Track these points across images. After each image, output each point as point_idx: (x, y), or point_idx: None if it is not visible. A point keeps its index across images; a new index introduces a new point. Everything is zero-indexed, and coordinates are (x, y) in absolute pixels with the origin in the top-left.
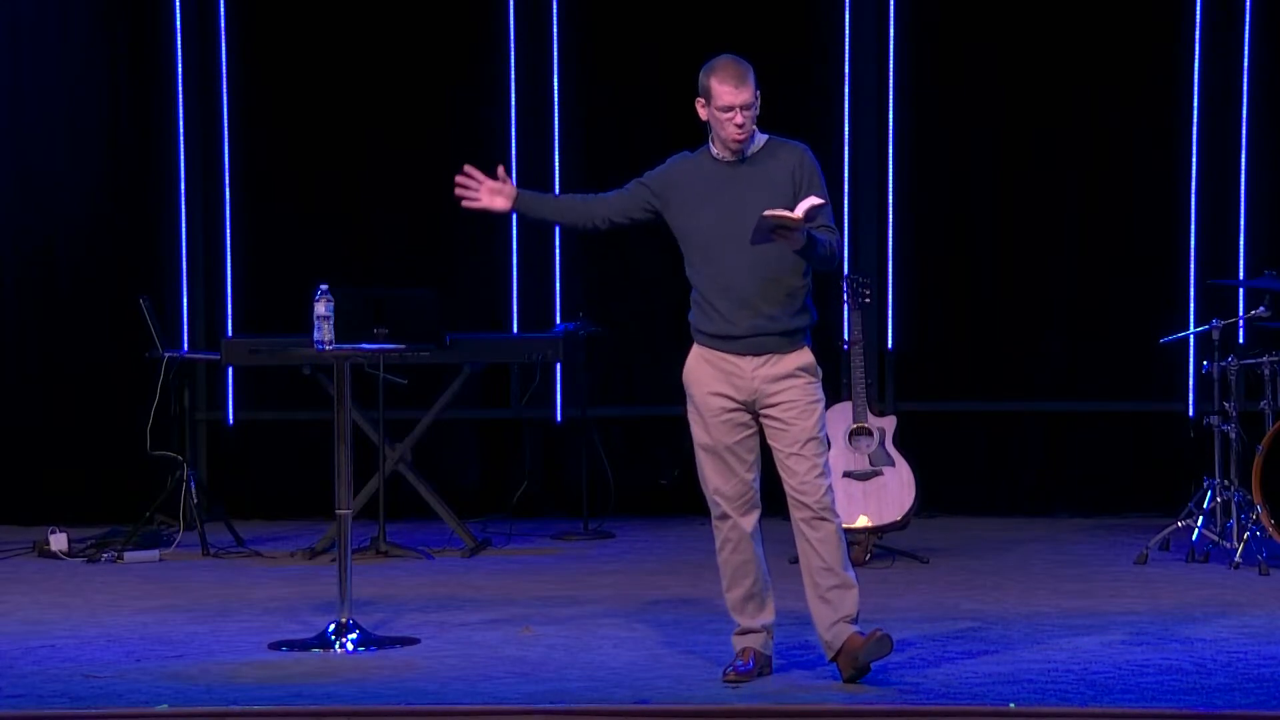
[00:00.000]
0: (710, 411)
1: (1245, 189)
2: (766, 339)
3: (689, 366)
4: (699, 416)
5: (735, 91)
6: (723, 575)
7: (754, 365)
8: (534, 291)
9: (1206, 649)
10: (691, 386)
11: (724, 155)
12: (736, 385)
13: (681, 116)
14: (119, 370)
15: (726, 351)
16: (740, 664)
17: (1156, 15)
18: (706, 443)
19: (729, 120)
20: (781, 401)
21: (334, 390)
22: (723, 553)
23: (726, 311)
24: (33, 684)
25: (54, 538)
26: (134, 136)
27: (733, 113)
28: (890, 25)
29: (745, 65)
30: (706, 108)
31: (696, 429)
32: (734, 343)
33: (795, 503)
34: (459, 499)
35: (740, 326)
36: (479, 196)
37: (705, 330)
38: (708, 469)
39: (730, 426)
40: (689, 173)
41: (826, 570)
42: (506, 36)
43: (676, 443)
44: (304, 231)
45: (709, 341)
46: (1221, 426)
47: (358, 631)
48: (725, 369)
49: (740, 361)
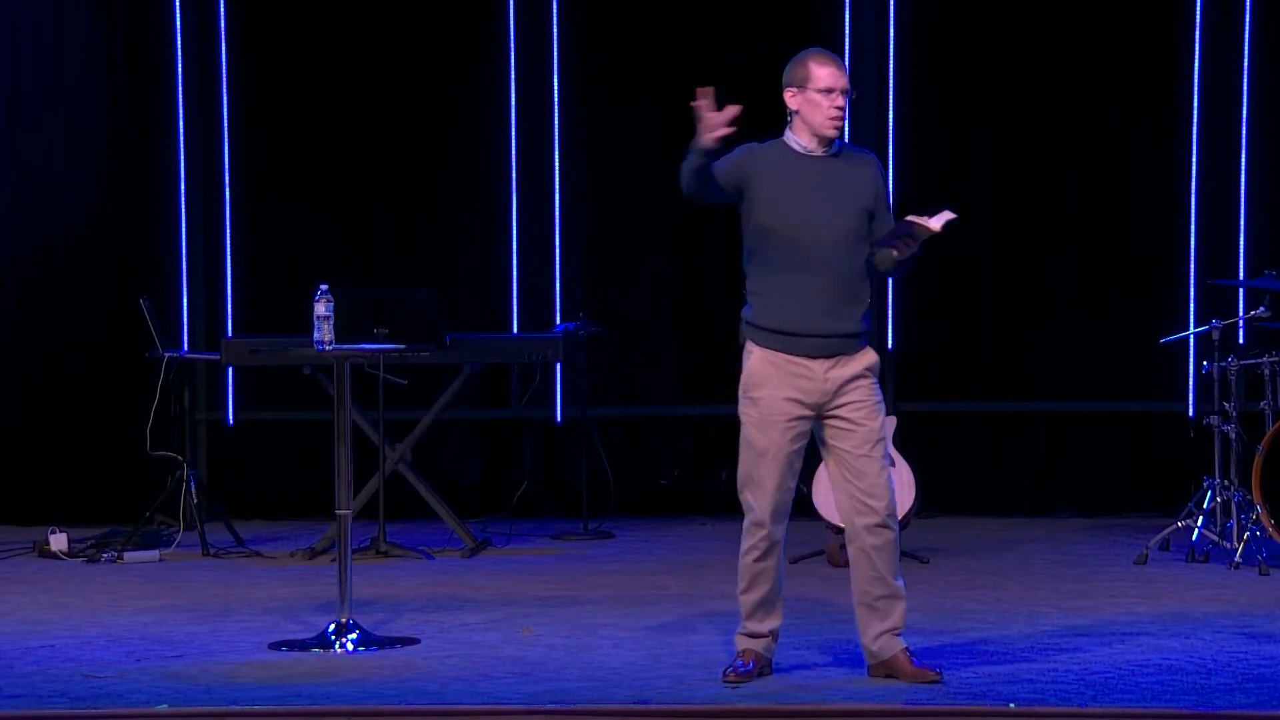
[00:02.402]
0: (776, 416)
1: (1245, 189)
2: (838, 340)
3: (753, 370)
4: (761, 421)
5: (837, 74)
6: (742, 577)
7: (825, 367)
8: (534, 291)
9: (1206, 649)
10: (756, 390)
11: (811, 147)
12: (806, 389)
13: (682, 116)
14: (119, 370)
15: (796, 353)
16: (741, 664)
17: (1156, 15)
18: (764, 448)
19: (830, 104)
20: (850, 402)
21: (334, 390)
22: (748, 557)
23: (804, 309)
24: (33, 684)
25: (54, 538)
26: (134, 136)
27: (834, 95)
28: (890, 25)
29: (837, 56)
30: (799, 94)
31: (755, 433)
32: (806, 342)
33: (860, 507)
34: (459, 499)
35: (817, 325)
36: (716, 123)
37: (772, 327)
38: (762, 477)
39: (793, 434)
40: (773, 163)
41: (879, 579)
42: (506, 36)
43: (676, 443)
44: (304, 231)
45: (774, 341)
46: (1221, 426)
47: (358, 631)
48: (794, 372)
49: (811, 364)
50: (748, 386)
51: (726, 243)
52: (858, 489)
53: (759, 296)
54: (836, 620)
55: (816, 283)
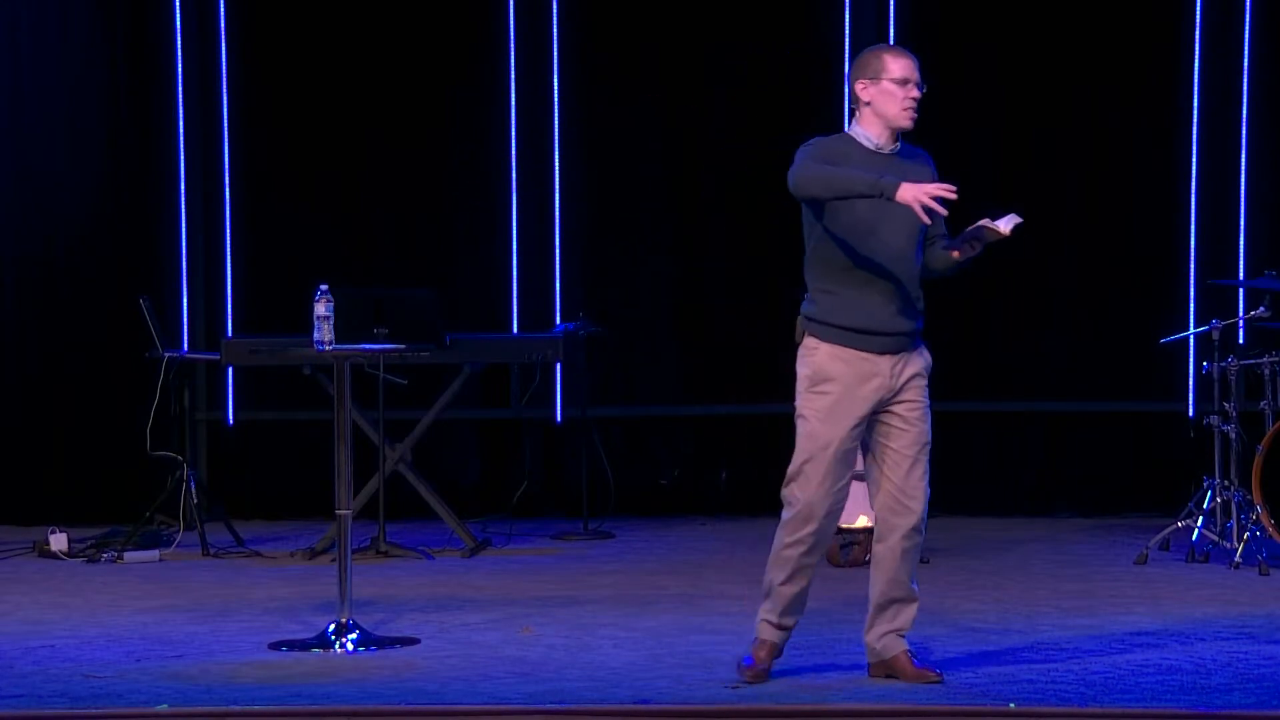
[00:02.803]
0: (844, 410)
1: (1245, 189)
2: (905, 337)
3: (822, 365)
4: (828, 414)
5: (911, 66)
6: (781, 569)
7: (891, 364)
8: (534, 291)
9: (1206, 649)
10: (825, 384)
11: (881, 142)
12: (874, 385)
13: (682, 116)
14: (119, 370)
15: (867, 350)
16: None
17: (1156, 15)
18: (828, 441)
19: (904, 94)
20: (907, 400)
21: (334, 390)
22: (793, 550)
23: (877, 306)
24: (33, 684)
25: (54, 538)
26: (134, 136)
27: (909, 86)
28: (890, 25)
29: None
30: (872, 86)
31: (820, 428)
32: (877, 340)
33: (899, 507)
34: (459, 499)
35: (889, 323)
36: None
37: (844, 324)
38: (819, 471)
39: (856, 430)
40: (846, 155)
41: (899, 582)
42: (506, 36)
43: (676, 443)
44: (304, 231)
45: (845, 338)
46: (1221, 426)
47: (358, 631)
48: (864, 370)
49: (880, 361)
50: (815, 380)
51: (726, 243)
52: (899, 489)
53: (831, 294)
54: (836, 620)
55: (888, 281)
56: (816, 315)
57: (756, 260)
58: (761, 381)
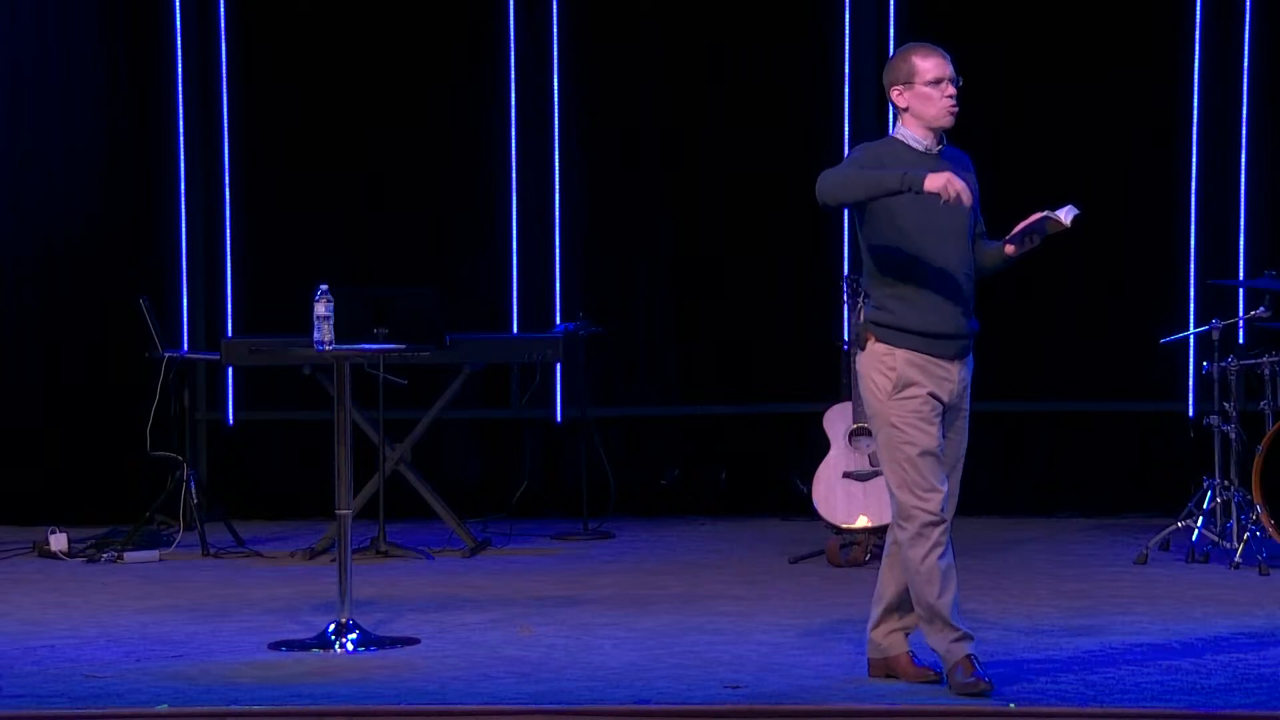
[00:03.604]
0: (934, 412)
1: (1245, 189)
2: (968, 341)
3: (902, 371)
4: (921, 419)
5: (942, 63)
6: (932, 581)
7: (957, 368)
8: (534, 291)
9: (1206, 649)
10: (911, 389)
11: (927, 142)
12: (945, 390)
13: (682, 116)
14: (119, 370)
15: (939, 355)
16: (980, 670)
17: (1156, 15)
18: (929, 446)
19: (941, 94)
20: (962, 410)
21: (334, 390)
22: (931, 557)
23: (946, 311)
24: (33, 684)
25: (54, 538)
26: (134, 136)
27: (944, 84)
28: (890, 25)
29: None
30: (907, 91)
31: (916, 433)
32: (948, 344)
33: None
34: (459, 499)
35: (956, 326)
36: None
37: (917, 329)
38: (928, 473)
39: (940, 430)
40: (896, 156)
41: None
42: (506, 36)
43: (676, 443)
44: (304, 231)
45: (919, 343)
46: (1221, 426)
47: (358, 631)
48: (936, 373)
49: (949, 365)
50: (900, 386)
51: (726, 243)
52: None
53: (901, 300)
54: (836, 620)
55: (951, 284)
56: (888, 321)
57: (757, 260)
58: (761, 381)
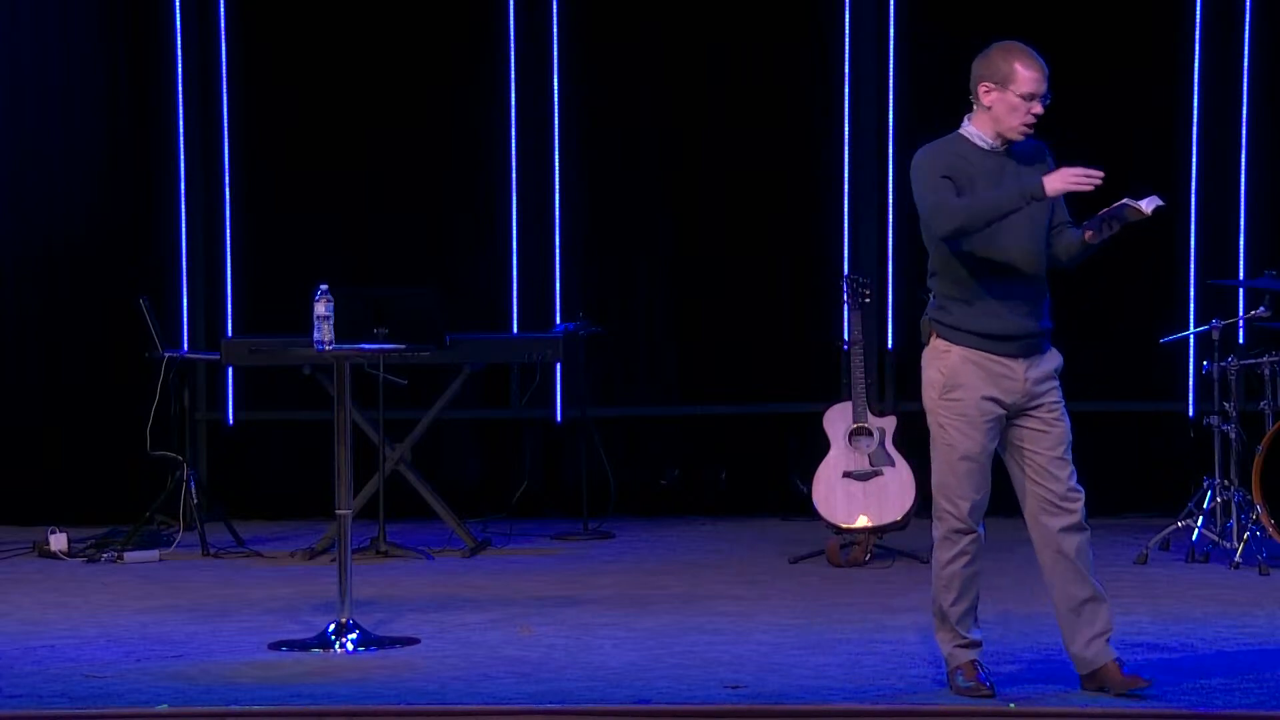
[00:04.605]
0: (979, 415)
1: (1245, 189)
2: (1036, 339)
3: (954, 369)
4: (965, 423)
5: (1040, 79)
6: (950, 587)
7: (1024, 367)
8: (534, 291)
9: (1206, 649)
10: (959, 391)
11: (994, 144)
12: (1006, 389)
13: (682, 116)
14: (119, 370)
15: (1000, 354)
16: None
17: (1156, 15)
18: (970, 451)
19: (1027, 110)
20: (1044, 403)
21: (334, 390)
22: (955, 564)
23: (1006, 310)
24: (33, 684)
25: (54, 538)
26: (134, 136)
27: (1033, 101)
28: (890, 25)
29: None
30: (995, 91)
31: (958, 436)
32: (1009, 344)
33: (1054, 509)
34: (459, 499)
35: (1019, 326)
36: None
37: (975, 330)
38: (964, 479)
39: (993, 434)
40: (963, 157)
41: (1082, 581)
42: (506, 36)
43: (676, 443)
44: (304, 231)
45: (977, 342)
46: (1221, 426)
47: (358, 631)
48: (996, 372)
49: (1013, 364)
50: (949, 387)
51: (726, 243)
52: (1051, 492)
53: (961, 302)
54: (836, 620)
55: (1017, 284)
56: (946, 320)
57: (757, 260)
58: (761, 381)
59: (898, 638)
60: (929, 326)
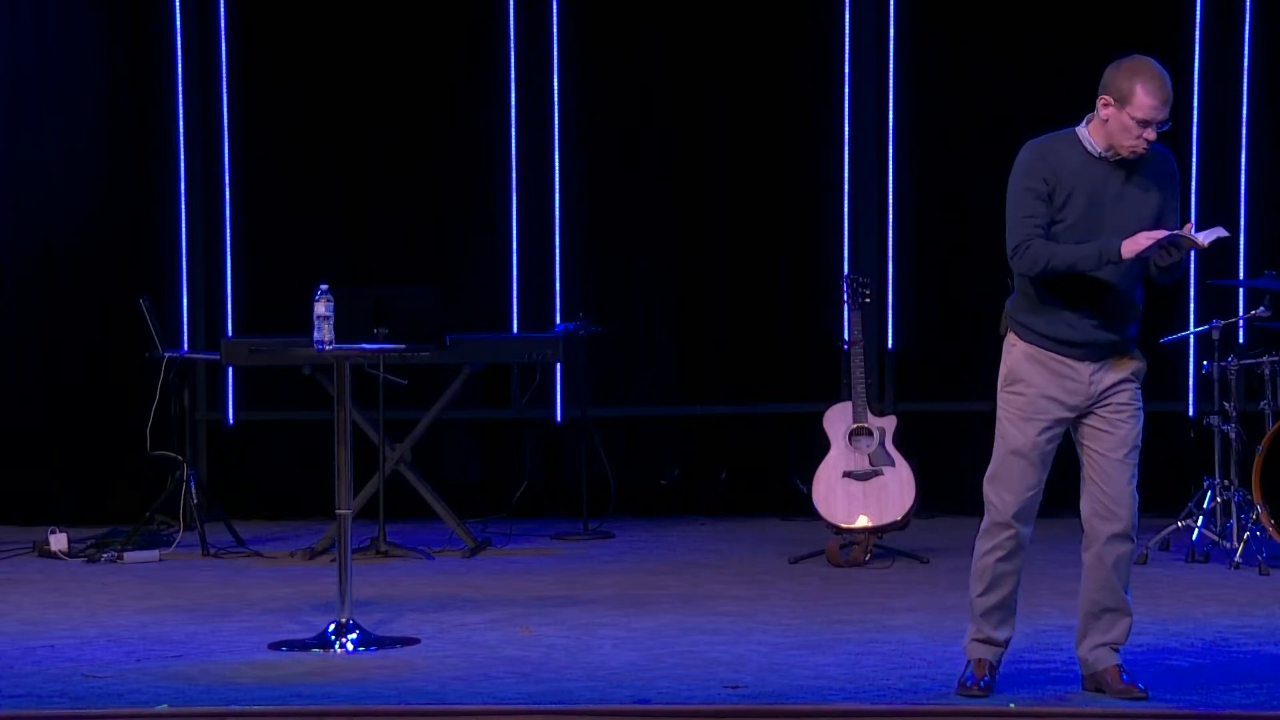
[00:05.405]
0: (1038, 413)
1: (1245, 189)
2: (1107, 347)
3: (1016, 364)
4: (1020, 418)
5: (1160, 107)
6: (980, 578)
7: (1091, 370)
8: (534, 291)
9: (1206, 649)
10: (1019, 385)
11: (1105, 153)
12: (1069, 389)
13: (683, 116)
14: (119, 370)
15: (1064, 355)
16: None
17: (1156, 15)
18: (1022, 446)
19: (1140, 135)
20: (1111, 403)
21: (334, 390)
22: (989, 557)
23: (1078, 317)
24: (33, 684)
25: (54, 538)
26: (134, 136)
27: (1148, 128)
28: (890, 25)
29: (1169, 80)
30: (1114, 108)
31: (1012, 430)
32: (1075, 349)
33: (1105, 512)
34: (459, 499)
35: (1088, 334)
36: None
37: (1045, 333)
38: (1013, 474)
39: (1050, 434)
40: (1068, 163)
41: (1111, 590)
42: (506, 36)
43: (676, 443)
44: (304, 231)
45: (1041, 341)
46: (1221, 426)
47: (358, 631)
48: (1060, 371)
49: (1078, 366)
50: (1009, 380)
51: (726, 243)
52: (1105, 494)
53: (1033, 300)
54: (836, 620)
55: (1095, 293)
56: (1018, 316)
57: (757, 260)
58: (761, 381)
59: (898, 638)
60: (1005, 319)
